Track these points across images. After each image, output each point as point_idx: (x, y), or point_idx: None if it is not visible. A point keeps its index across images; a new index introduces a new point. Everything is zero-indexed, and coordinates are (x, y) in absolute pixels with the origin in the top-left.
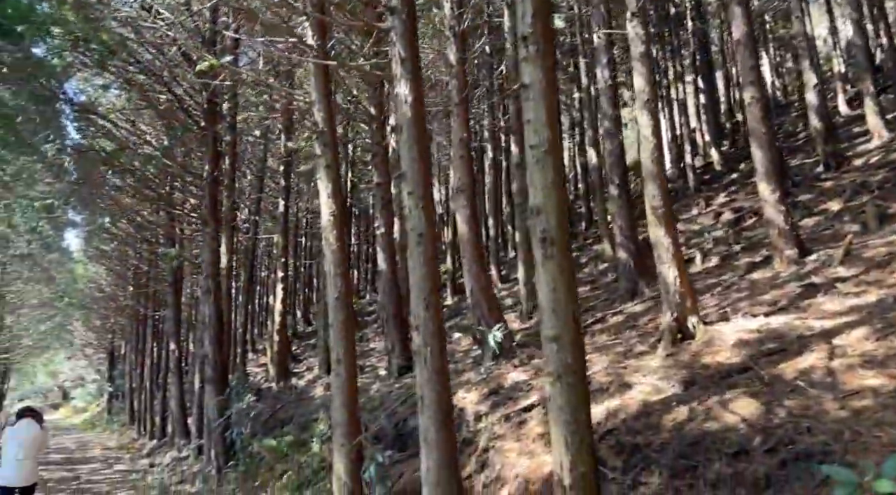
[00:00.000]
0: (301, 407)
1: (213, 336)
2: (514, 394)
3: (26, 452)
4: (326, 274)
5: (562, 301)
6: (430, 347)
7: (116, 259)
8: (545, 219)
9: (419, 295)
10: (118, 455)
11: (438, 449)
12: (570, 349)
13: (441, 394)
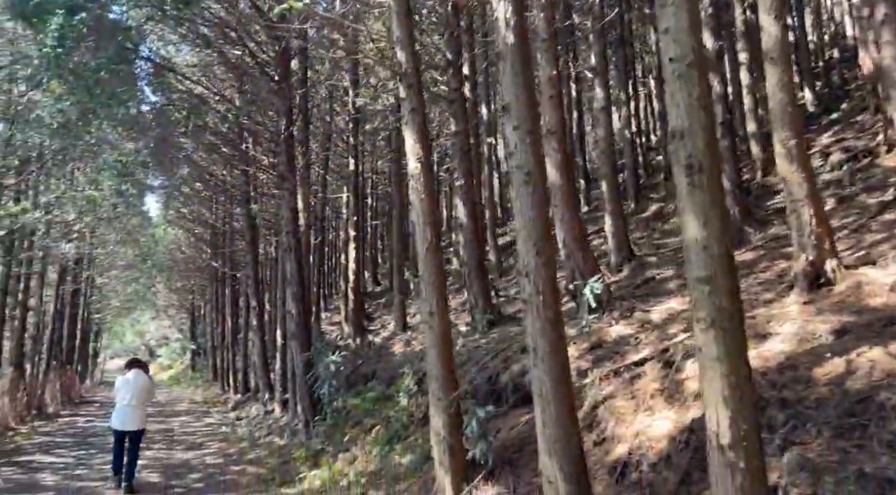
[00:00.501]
0: (382, 363)
1: (296, 292)
2: (619, 349)
3: (136, 399)
4: (414, 224)
5: (714, 235)
6: (542, 296)
7: (194, 221)
8: (690, 142)
9: (528, 240)
10: (205, 409)
11: (556, 403)
12: (726, 291)
13: (556, 345)
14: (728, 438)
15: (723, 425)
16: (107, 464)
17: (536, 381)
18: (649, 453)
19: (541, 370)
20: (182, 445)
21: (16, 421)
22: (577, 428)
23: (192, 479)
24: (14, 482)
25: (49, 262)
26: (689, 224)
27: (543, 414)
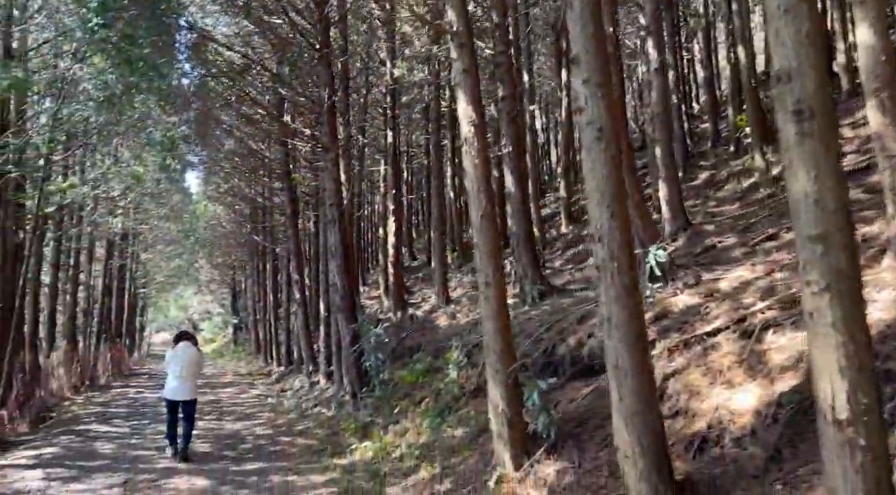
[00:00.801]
0: (428, 336)
1: (341, 265)
2: (687, 319)
3: (185, 370)
4: (468, 191)
5: (828, 188)
6: (617, 261)
7: (234, 196)
8: (799, 84)
9: (601, 201)
10: (249, 381)
11: (633, 374)
12: (842, 251)
13: (632, 313)
14: (846, 413)
15: (839, 398)
16: (160, 435)
17: (612, 351)
18: (731, 428)
19: (616, 340)
20: (231, 416)
21: (71, 392)
22: (656, 401)
23: (244, 450)
24: (74, 450)
25: (97, 238)
26: (798, 177)
27: (620, 386)
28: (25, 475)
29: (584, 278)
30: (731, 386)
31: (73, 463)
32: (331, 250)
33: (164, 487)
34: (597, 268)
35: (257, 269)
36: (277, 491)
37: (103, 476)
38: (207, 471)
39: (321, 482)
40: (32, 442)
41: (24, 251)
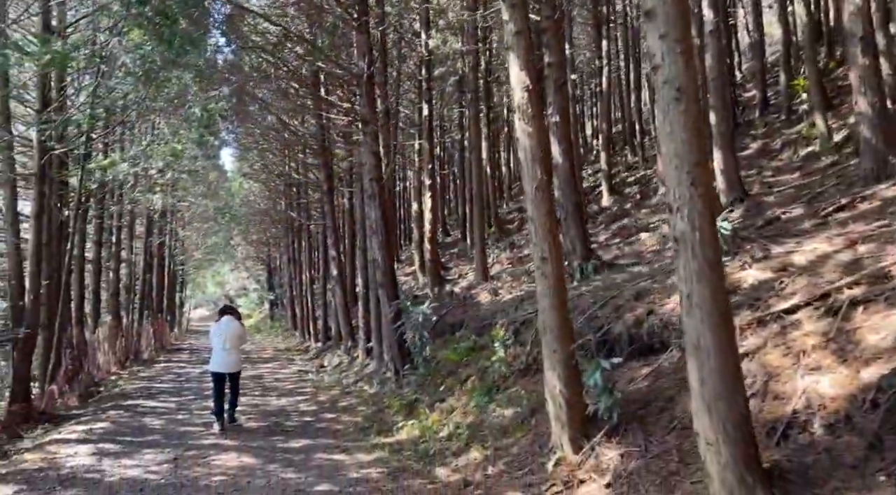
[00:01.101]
0: (470, 313)
1: (382, 240)
2: (760, 295)
3: (229, 343)
4: (521, 162)
5: None
6: (699, 233)
7: (269, 173)
8: None
9: (680, 167)
10: (288, 356)
11: (717, 355)
12: None
13: (717, 290)
14: None
15: None
16: (205, 410)
17: (692, 331)
18: (821, 413)
19: (697, 318)
20: (274, 392)
21: (117, 367)
22: (742, 384)
23: (289, 426)
24: (122, 425)
25: (137, 215)
26: None
27: (701, 368)
28: (77, 450)
29: (634, 253)
30: (817, 368)
31: (123, 439)
32: (371, 226)
33: (212, 464)
34: (674, 240)
35: (292, 246)
36: (325, 470)
37: (153, 451)
38: (254, 449)
39: (368, 461)
40: (82, 416)
41: (69, 228)
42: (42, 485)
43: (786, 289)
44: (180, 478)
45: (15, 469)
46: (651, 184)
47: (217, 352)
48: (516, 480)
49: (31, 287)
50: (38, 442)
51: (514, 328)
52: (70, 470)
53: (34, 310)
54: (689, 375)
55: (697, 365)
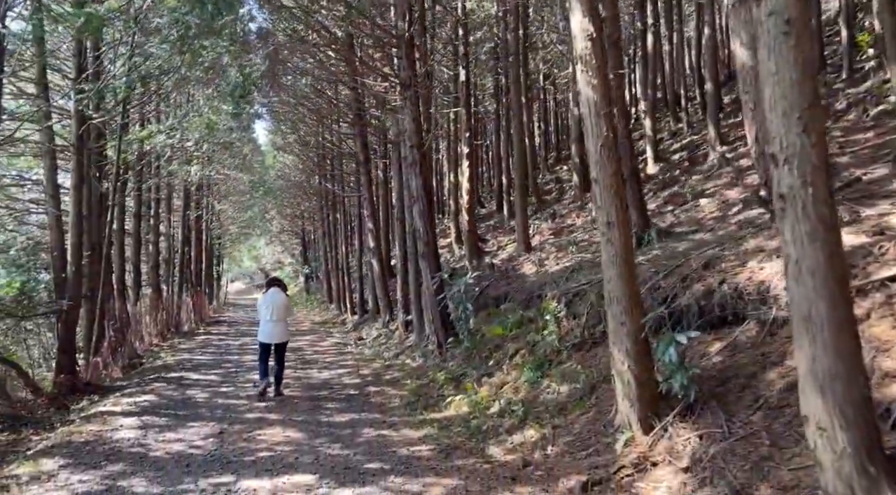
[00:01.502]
0: (515, 285)
1: (423, 210)
2: (855, 261)
3: (275, 315)
4: (584, 117)
5: None
6: (812, 187)
7: (303, 145)
8: None
9: (790, 111)
10: (325, 329)
11: (832, 329)
12: None
13: (832, 253)
14: None
15: None
16: (248, 383)
17: (803, 300)
18: None
19: (808, 286)
20: (316, 365)
21: (158, 339)
22: (861, 361)
23: (334, 400)
24: (166, 398)
25: (174, 189)
26: None
27: (813, 343)
28: (123, 423)
29: (692, 220)
30: None
31: (167, 412)
32: (411, 194)
33: (258, 438)
34: (780, 197)
35: (327, 219)
36: (373, 447)
37: (197, 425)
38: (299, 423)
39: (417, 438)
40: (126, 388)
41: (108, 201)
42: (88, 460)
43: (887, 255)
44: (226, 453)
45: (61, 441)
46: (699, 150)
47: (264, 322)
48: (580, 461)
49: (72, 258)
50: (84, 414)
51: (566, 300)
52: (115, 444)
53: (76, 282)
54: (797, 352)
55: (808, 339)
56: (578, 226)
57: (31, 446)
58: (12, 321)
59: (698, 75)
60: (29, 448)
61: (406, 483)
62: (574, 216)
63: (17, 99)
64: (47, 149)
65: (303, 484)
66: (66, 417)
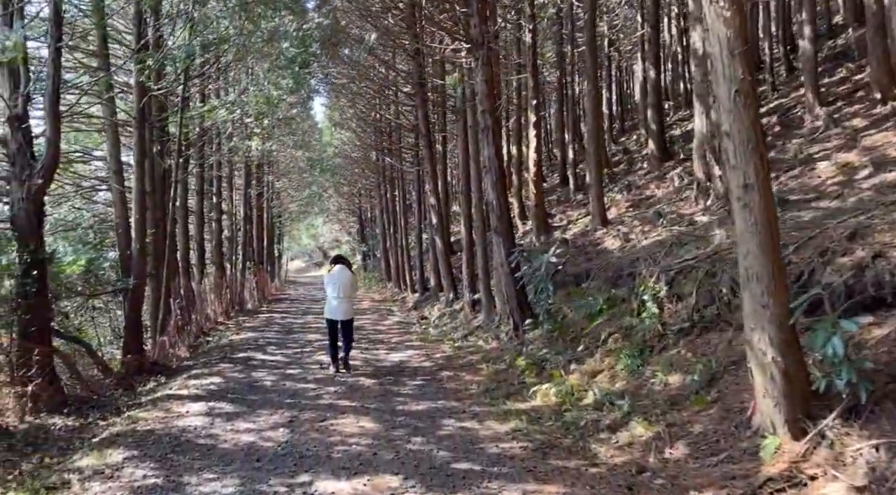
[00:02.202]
0: (596, 262)
1: (496, 181)
2: None
3: (342, 292)
4: (712, 57)
5: None
6: None
7: (360, 119)
8: None
9: None
10: (386, 308)
11: None
12: None
13: None
14: None
15: None
16: (315, 364)
17: None
18: None
19: None
20: (383, 346)
21: (223, 317)
22: None
23: (407, 385)
24: (234, 380)
25: (235, 167)
26: None
27: None
28: (189, 408)
29: (807, 187)
30: None
31: (235, 396)
32: (483, 163)
33: (330, 429)
34: None
35: (385, 196)
36: (458, 442)
37: (266, 412)
38: (373, 411)
39: (505, 432)
40: (193, 368)
41: (171, 178)
42: (154, 451)
43: None
44: (298, 447)
45: (126, 429)
46: (791, 112)
47: (331, 300)
48: (710, 469)
49: (136, 235)
50: (151, 397)
51: (667, 279)
52: (182, 434)
53: (141, 260)
54: None
55: None
56: (659, 197)
57: (98, 432)
58: (80, 300)
59: (784, 31)
60: (95, 435)
61: (503, 488)
62: (653, 187)
63: (78, 71)
64: (110, 123)
65: (386, 486)
66: (132, 400)
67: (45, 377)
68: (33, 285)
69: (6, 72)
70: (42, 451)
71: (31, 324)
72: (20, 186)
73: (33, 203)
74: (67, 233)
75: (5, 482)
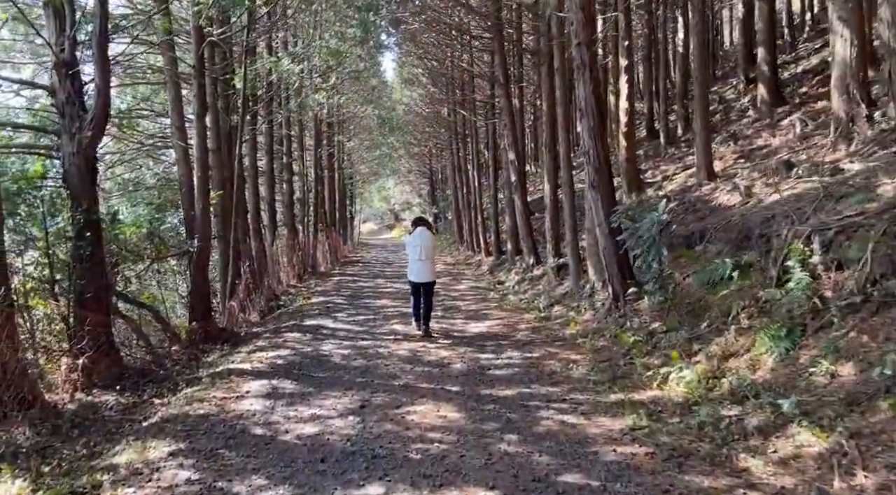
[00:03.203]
0: (711, 220)
1: (593, 126)
2: None
3: (424, 254)
4: None
5: None
6: None
7: (431, 73)
8: None
9: None
10: (458, 271)
11: None
12: None
13: None
14: None
15: None
16: (389, 335)
17: None
18: None
19: None
20: (458, 314)
21: (296, 280)
22: None
23: (494, 363)
24: (300, 354)
25: (305, 126)
26: None
27: None
28: (250, 387)
29: None
30: None
31: (301, 373)
32: (579, 106)
33: (406, 419)
34: None
35: (457, 154)
36: (563, 443)
37: (335, 394)
38: (455, 396)
39: (619, 429)
40: (260, 337)
41: (238, 136)
42: (204, 444)
43: None
44: (369, 442)
45: (180, 411)
46: None
47: (413, 261)
48: None
49: (199, 195)
50: (213, 370)
51: (823, 240)
52: (238, 421)
53: (204, 220)
54: None
55: None
56: (776, 146)
57: (150, 414)
58: (145, 264)
59: None
60: (147, 416)
61: None
62: (766, 135)
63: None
64: (171, 75)
65: None
66: (193, 373)
67: (100, 347)
68: (87, 248)
69: (51, 13)
70: (88, 435)
71: (87, 289)
72: (71, 140)
73: (84, 158)
74: (133, 194)
75: (39, 476)
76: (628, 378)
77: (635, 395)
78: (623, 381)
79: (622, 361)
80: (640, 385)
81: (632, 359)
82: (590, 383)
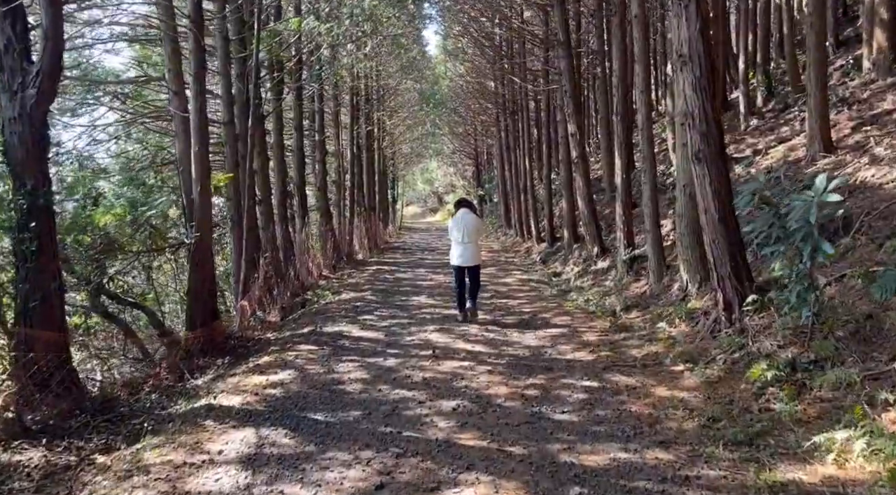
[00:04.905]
0: (855, 203)
1: (699, 79)
2: None
3: (467, 237)
4: None
5: None
6: None
7: (477, 42)
8: None
9: None
10: (506, 259)
11: None
12: None
13: None
14: None
15: None
16: (426, 349)
17: None
18: None
19: None
20: (508, 316)
21: (328, 271)
22: None
23: (566, 401)
24: (311, 382)
25: (341, 100)
26: None
27: None
28: (228, 442)
29: None
30: None
31: (302, 415)
32: (678, 53)
33: None
34: None
35: (505, 131)
36: None
37: (344, 455)
38: (518, 466)
39: None
40: (268, 349)
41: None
42: None
43: None
44: None
45: (113, 489)
46: None
47: (456, 245)
48: None
49: (196, 175)
50: (191, 405)
51: None
52: None
53: (203, 205)
54: None
55: None
56: None
57: (72, 491)
58: (130, 258)
59: None
60: (70, 493)
61: None
62: (891, 98)
63: None
64: (165, 28)
65: None
66: (171, 405)
67: (45, 377)
68: (33, 242)
69: None
70: None
71: (33, 297)
72: (11, 100)
73: (30, 123)
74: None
75: None
76: (771, 436)
77: (796, 474)
78: (766, 443)
79: (755, 406)
80: (796, 452)
81: (766, 401)
82: (716, 445)
